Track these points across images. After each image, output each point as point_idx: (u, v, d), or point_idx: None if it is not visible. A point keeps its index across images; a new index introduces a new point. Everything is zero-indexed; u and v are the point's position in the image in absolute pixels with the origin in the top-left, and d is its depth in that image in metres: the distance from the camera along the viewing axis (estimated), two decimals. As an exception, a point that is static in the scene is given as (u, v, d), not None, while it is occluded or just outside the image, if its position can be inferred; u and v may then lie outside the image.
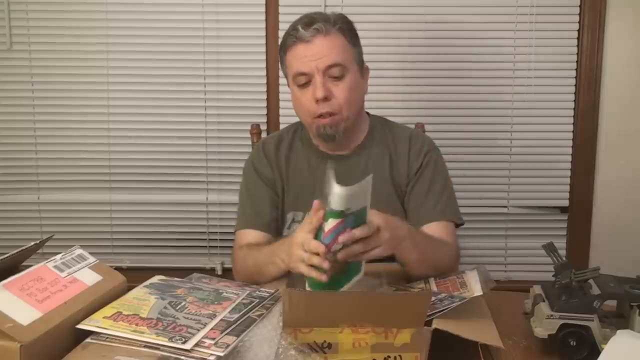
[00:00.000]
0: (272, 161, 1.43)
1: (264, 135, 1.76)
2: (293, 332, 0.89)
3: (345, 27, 1.32)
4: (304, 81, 1.30)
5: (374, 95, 1.42)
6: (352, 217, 0.98)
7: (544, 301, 1.03)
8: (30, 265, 0.97)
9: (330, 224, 0.97)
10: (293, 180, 1.42)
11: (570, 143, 2.11)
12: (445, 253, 1.25)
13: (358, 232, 1.00)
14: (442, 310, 0.95)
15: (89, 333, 0.88)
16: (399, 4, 2.06)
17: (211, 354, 0.82)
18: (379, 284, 1.13)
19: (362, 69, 1.37)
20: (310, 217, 1.03)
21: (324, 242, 0.99)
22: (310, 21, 1.29)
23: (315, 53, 1.27)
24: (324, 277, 1.00)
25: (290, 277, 1.17)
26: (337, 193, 0.94)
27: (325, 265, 0.99)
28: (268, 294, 1.06)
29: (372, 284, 1.12)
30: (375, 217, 1.04)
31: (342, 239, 0.98)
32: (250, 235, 1.38)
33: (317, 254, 0.99)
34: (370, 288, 1.10)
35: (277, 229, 1.41)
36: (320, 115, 1.30)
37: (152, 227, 2.19)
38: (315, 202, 1.01)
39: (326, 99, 1.28)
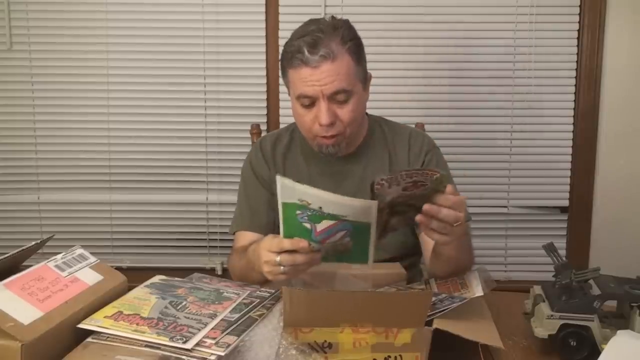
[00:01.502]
0: (270, 160, 1.43)
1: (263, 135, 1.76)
2: (294, 331, 0.89)
3: (352, 46, 1.25)
4: (307, 103, 1.27)
5: (374, 95, 1.41)
6: (348, 223, 0.98)
7: (544, 301, 1.03)
8: (31, 265, 0.97)
9: (324, 224, 0.98)
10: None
11: (570, 143, 2.11)
12: (470, 255, 1.24)
13: (444, 212, 0.98)
14: (442, 310, 0.95)
15: (89, 332, 0.88)
16: (399, 4, 2.06)
17: (212, 354, 0.82)
18: (365, 287, 1.13)
19: (365, 82, 1.34)
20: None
21: (316, 239, 1.00)
22: (316, 42, 1.21)
23: (321, 79, 1.22)
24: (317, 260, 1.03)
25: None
26: (330, 199, 0.95)
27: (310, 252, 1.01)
28: (269, 294, 1.06)
29: (359, 287, 1.12)
30: (463, 214, 1.02)
31: (427, 207, 0.98)
32: (248, 237, 1.38)
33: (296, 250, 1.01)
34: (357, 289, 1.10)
35: (274, 231, 1.41)
36: (323, 137, 1.29)
37: (152, 227, 2.19)
38: None
39: (331, 124, 1.26)
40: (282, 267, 1.02)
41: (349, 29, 1.28)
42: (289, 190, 0.97)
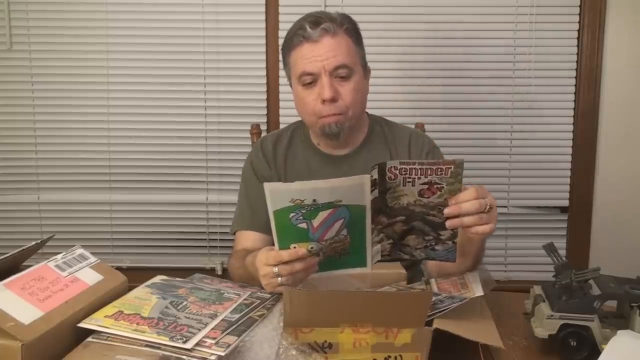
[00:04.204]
0: (270, 159, 1.43)
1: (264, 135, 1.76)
2: (294, 332, 0.89)
3: (351, 29, 1.32)
4: (309, 81, 1.29)
5: (374, 95, 1.42)
6: (345, 209, 0.98)
7: (544, 301, 1.03)
8: (31, 265, 0.98)
9: (320, 217, 0.98)
10: (292, 180, 1.41)
11: (570, 143, 2.11)
12: (484, 251, 1.24)
13: (466, 205, 0.99)
14: (442, 310, 0.95)
15: (90, 332, 0.88)
16: (399, 4, 2.06)
17: (212, 354, 0.82)
18: (363, 287, 1.13)
19: (365, 71, 1.37)
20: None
21: (314, 237, 0.99)
22: (317, 20, 1.28)
23: (322, 53, 1.27)
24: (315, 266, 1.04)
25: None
26: (322, 187, 0.95)
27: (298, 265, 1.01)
28: (269, 295, 1.06)
29: (355, 287, 1.12)
30: (489, 197, 1.02)
31: (447, 211, 0.98)
32: (249, 237, 1.39)
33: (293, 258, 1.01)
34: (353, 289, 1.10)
35: None
36: (326, 115, 1.30)
37: (152, 227, 2.19)
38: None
39: (333, 99, 1.28)
40: (280, 279, 1.03)
41: (345, 16, 1.33)
42: (278, 194, 0.97)
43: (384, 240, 1.05)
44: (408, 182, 0.98)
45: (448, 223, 1.00)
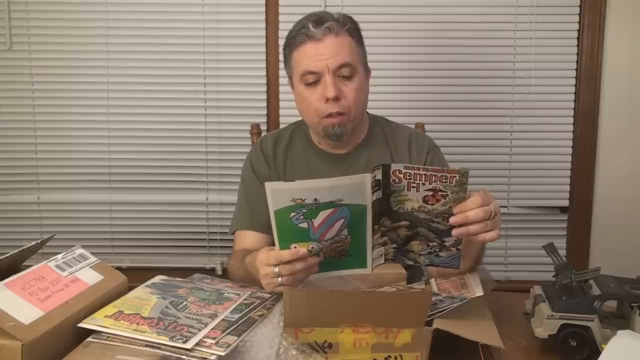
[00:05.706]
0: (270, 159, 1.43)
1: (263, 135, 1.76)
2: (294, 332, 0.89)
3: (353, 29, 1.32)
4: (312, 80, 1.29)
5: (374, 95, 1.42)
6: (345, 208, 0.98)
7: (544, 301, 1.03)
8: (31, 265, 0.98)
9: (321, 216, 0.98)
10: (292, 179, 1.41)
11: (570, 143, 2.11)
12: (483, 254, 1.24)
13: (472, 214, 0.99)
14: (442, 311, 0.95)
15: (90, 332, 0.88)
16: (399, 4, 2.06)
17: (212, 354, 0.82)
18: (362, 287, 1.13)
19: (367, 71, 1.37)
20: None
21: (315, 236, 0.99)
22: (320, 20, 1.28)
23: (326, 52, 1.27)
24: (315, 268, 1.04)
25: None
26: (324, 185, 0.95)
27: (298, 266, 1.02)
28: (269, 295, 1.06)
29: (355, 287, 1.12)
30: (493, 203, 1.02)
31: (453, 220, 0.98)
32: (248, 237, 1.39)
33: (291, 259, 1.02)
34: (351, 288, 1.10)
35: None
36: (329, 115, 1.30)
37: (152, 227, 2.19)
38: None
39: (337, 98, 1.28)
40: (280, 279, 1.03)
41: (347, 16, 1.33)
42: (279, 194, 0.97)
43: (388, 243, 1.05)
44: (412, 187, 0.98)
45: (454, 232, 1.00)
